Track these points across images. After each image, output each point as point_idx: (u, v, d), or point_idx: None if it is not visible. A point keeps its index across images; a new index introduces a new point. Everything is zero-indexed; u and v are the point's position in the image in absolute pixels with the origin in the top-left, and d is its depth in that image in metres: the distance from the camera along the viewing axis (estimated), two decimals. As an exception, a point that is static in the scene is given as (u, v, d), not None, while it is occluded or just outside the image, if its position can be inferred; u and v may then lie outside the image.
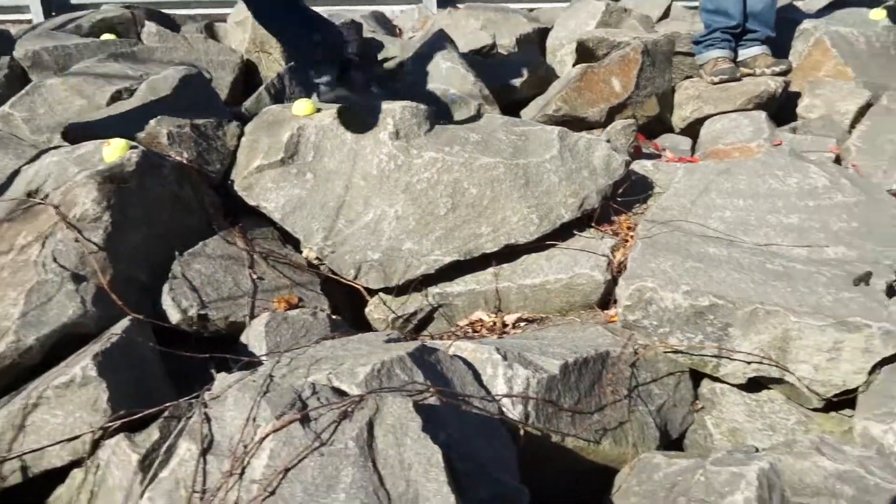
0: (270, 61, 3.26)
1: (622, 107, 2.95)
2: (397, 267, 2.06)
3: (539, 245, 2.10)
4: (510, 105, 3.14)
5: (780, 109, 3.24)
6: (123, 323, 1.55)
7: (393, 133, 2.10)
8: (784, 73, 3.26)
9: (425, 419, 1.16)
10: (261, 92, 2.71)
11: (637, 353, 1.79)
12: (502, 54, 3.75)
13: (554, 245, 2.10)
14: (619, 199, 2.24)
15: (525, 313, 2.08)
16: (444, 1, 7.26)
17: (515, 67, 3.33)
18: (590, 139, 2.22)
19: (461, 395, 1.37)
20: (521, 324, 2.06)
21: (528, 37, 4.14)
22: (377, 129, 2.11)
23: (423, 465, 1.07)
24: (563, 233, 2.13)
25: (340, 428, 1.09)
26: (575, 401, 1.63)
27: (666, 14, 4.84)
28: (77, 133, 2.16)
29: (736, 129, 2.91)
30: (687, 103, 3.23)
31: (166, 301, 1.81)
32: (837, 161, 2.70)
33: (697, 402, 1.85)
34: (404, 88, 2.69)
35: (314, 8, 2.46)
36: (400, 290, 2.08)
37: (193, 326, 1.81)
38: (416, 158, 2.08)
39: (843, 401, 1.66)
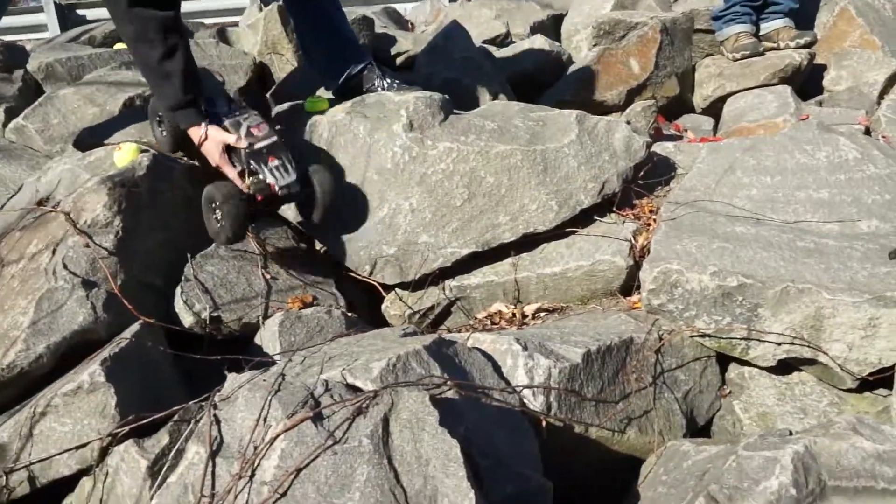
0: (283, 62, 3.25)
1: (641, 88, 2.87)
2: (413, 261, 2.01)
3: (559, 232, 2.04)
4: (527, 92, 3.08)
5: (806, 83, 3.14)
6: (133, 327, 1.53)
7: (407, 124, 2.06)
8: (809, 45, 3.15)
9: (443, 413, 1.11)
10: (273, 91, 2.68)
11: (662, 339, 1.72)
12: (516, 42, 3.69)
13: (574, 232, 2.04)
14: (640, 182, 2.17)
15: (545, 303, 2.03)
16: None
17: (531, 55, 3.27)
18: (609, 121, 2.15)
19: (480, 388, 1.32)
20: (541, 314, 2.01)
21: (542, 24, 4.08)
22: (391, 121, 2.07)
23: (441, 460, 1.02)
24: (583, 219, 2.06)
25: (354, 425, 1.05)
26: (598, 390, 1.57)
27: (684, -6, 4.73)
28: (88, 140, 2.16)
29: (760, 106, 2.82)
30: (708, 82, 3.13)
31: (178, 304, 1.78)
32: (867, 133, 2.60)
33: (725, 387, 1.79)
34: (420, 80, 2.64)
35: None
36: (416, 284, 2.04)
37: (206, 329, 1.78)
38: (430, 149, 2.03)
39: (878, 380, 1.60)
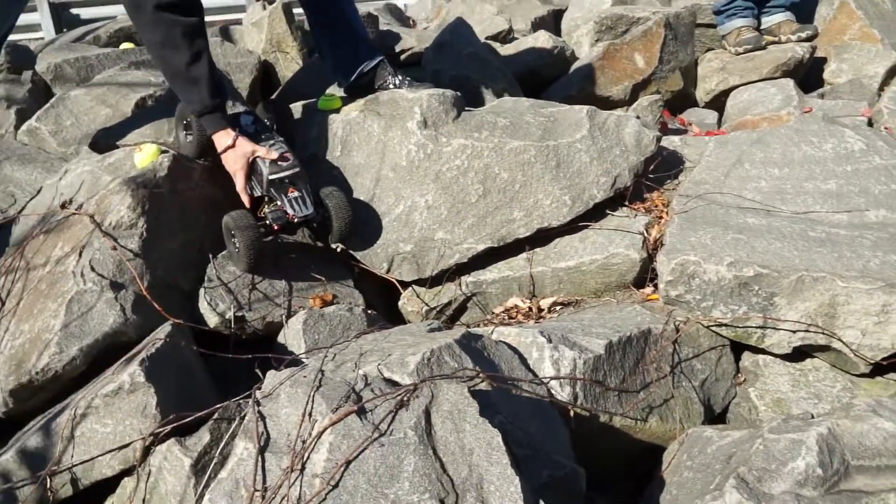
0: (288, 60, 3.26)
1: (646, 83, 2.91)
2: (430, 258, 2.04)
3: (572, 227, 2.07)
4: (531, 88, 3.10)
5: (807, 76, 3.18)
6: (165, 328, 1.56)
7: (421, 122, 2.08)
8: (810, 38, 3.20)
9: (480, 404, 1.14)
10: (281, 90, 2.70)
11: (678, 330, 1.76)
12: (519, 38, 3.71)
13: (587, 226, 2.07)
14: (650, 176, 2.21)
15: (560, 297, 2.06)
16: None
17: (535, 51, 3.30)
18: (619, 116, 2.19)
19: (511, 379, 1.36)
20: (557, 307, 2.04)
21: (543, 19, 4.10)
22: (405, 119, 2.09)
23: (484, 450, 1.05)
24: (596, 213, 2.10)
25: (398, 417, 1.08)
26: (620, 380, 1.61)
27: (682, -13, 4.76)
28: (104, 141, 2.17)
29: (764, 99, 2.86)
30: (711, 76, 3.17)
31: (203, 305, 1.81)
32: (870, 124, 2.65)
33: (740, 375, 1.83)
34: (427, 77, 2.66)
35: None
36: (433, 280, 2.07)
37: (231, 328, 1.81)
38: (445, 146, 2.06)
39: (891, 364, 1.64)
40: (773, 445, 1.25)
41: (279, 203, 1.88)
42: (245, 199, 1.91)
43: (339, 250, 2.12)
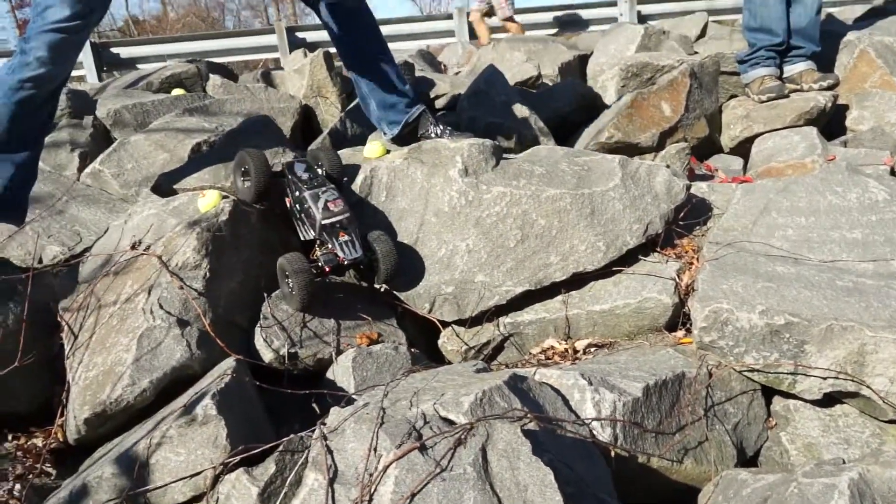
0: (327, 105, 3.42)
1: (673, 130, 3.03)
2: (470, 299, 2.14)
3: (606, 272, 2.17)
4: (560, 133, 3.23)
5: (829, 123, 3.28)
6: (230, 363, 1.66)
7: (462, 170, 2.21)
8: (832, 87, 3.30)
9: (531, 443, 1.23)
10: (325, 136, 2.84)
11: (711, 374, 1.84)
12: (547, 84, 3.86)
13: (620, 271, 2.17)
14: (680, 222, 2.31)
15: (595, 339, 2.15)
16: (475, 32, 7.49)
17: (562, 96, 3.43)
18: (650, 165, 2.30)
19: (556, 420, 1.45)
20: (592, 349, 2.12)
21: (569, 64, 4.26)
22: (447, 167, 2.22)
23: (537, 486, 1.14)
24: (629, 259, 2.19)
25: (457, 454, 1.17)
26: (657, 422, 1.69)
27: (703, 33, 4.92)
28: (165, 186, 2.31)
29: (788, 147, 2.96)
30: (735, 123, 3.28)
31: (258, 341, 1.92)
32: (892, 173, 2.73)
33: (771, 419, 1.89)
34: (463, 123, 2.80)
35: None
36: (473, 321, 2.17)
37: (285, 365, 1.92)
38: (485, 194, 2.18)
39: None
40: (807, 489, 1.32)
41: (330, 246, 2.00)
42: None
43: (382, 290, 2.23)
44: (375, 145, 2.38)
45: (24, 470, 1.71)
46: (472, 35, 7.28)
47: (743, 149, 3.24)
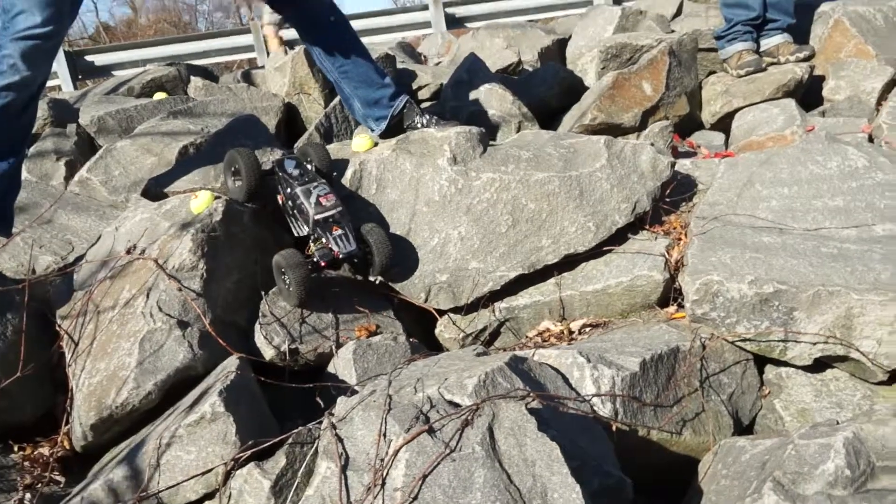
0: (310, 101, 3.43)
1: (654, 109, 3.06)
2: (465, 286, 2.17)
3: (597, 252, 2.20)
4: (544, 118, 3.26)
5: (806, 94, 3.32)
6: (233, 361, 1.68)
7: (451, 158, 2.23)
8: (808, 58, 3.34)
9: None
10: (311, 132, 2.85)
11: (704, 346, 1.88)
12: (528, 70, 3.88)
13: (611, 250, 2.21)
14: (667, 199, 2.34)
15: (589, 319, 2.18)
16: (452, 22, 7.49)
17: (544, 81, 3.46)
18: (635, 144, 2.33)
19: (558, 398, 1.48)
20: (587, 329, 2.16)
21: (548, 49, 4.28)
22: (435, 156, 2.24)
23: (545, 461, 1.18)
24: (618, 238, 2.23)
25: (465, 435, 1.20)
26: (655, 395, 1.73)
27: (679, 11, 4.95)
28: (155, 189, 2.32)
29: (768, 120, 3.00)
30: (715, 99, 3.32)
31: (259, 339, 1.94)
32: (870, 140, 2.78)
33: (764, 387, 1.93)
34: (447, 112, 2.81)
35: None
36: (468, 308, 2.20)
37: (286, 360, 1.94)
38: (474, 181, 2.20)
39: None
40: (803, 450, 1.36)
41: (324, 241, 2.02)
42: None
43: (377, 283, 2.25)
44: (363, 139, 2.39)
45: (32, 479, 1.73)
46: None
47: (724, 124, 3.28)
